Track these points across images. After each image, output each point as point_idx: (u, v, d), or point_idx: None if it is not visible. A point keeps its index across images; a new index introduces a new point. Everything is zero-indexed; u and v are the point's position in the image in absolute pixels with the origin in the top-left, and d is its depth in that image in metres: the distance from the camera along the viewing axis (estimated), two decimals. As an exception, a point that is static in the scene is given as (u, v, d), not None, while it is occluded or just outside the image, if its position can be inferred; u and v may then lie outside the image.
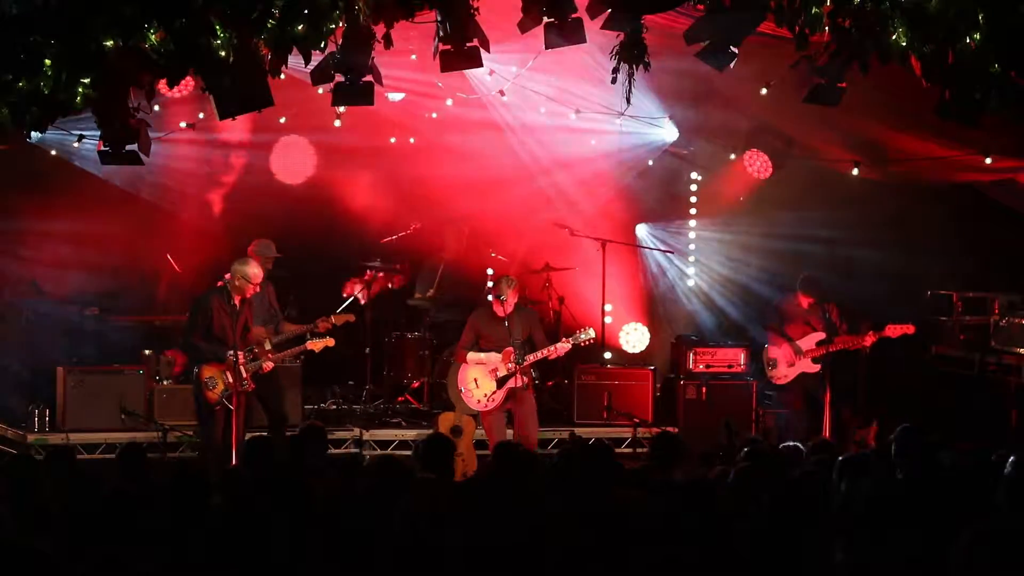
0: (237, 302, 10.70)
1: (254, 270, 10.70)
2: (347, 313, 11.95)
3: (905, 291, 13.16)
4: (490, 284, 13.45)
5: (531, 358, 11.16)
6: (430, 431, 11.32)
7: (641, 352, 14.40)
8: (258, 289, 10.81)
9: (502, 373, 11.16)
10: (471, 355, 11.28)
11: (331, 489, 6.78)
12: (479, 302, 12.22)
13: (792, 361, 12.31)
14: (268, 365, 10.83)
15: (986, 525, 4.52)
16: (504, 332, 11.18)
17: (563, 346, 11.20)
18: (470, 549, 5.57)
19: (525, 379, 11.19)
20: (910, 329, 11.97)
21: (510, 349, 11.14)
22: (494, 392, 11.18)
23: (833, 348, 12.07)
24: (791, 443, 8.68)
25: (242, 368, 10.63)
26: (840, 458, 7.47)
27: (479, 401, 11.23)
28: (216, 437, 10.60)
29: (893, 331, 11.95)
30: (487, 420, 11.25)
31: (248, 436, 10.44)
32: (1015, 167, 12.14)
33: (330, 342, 11.17)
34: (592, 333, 11.28)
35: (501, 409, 11.25)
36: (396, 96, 12.32)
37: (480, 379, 11.24)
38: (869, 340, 11.94)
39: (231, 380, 10.59)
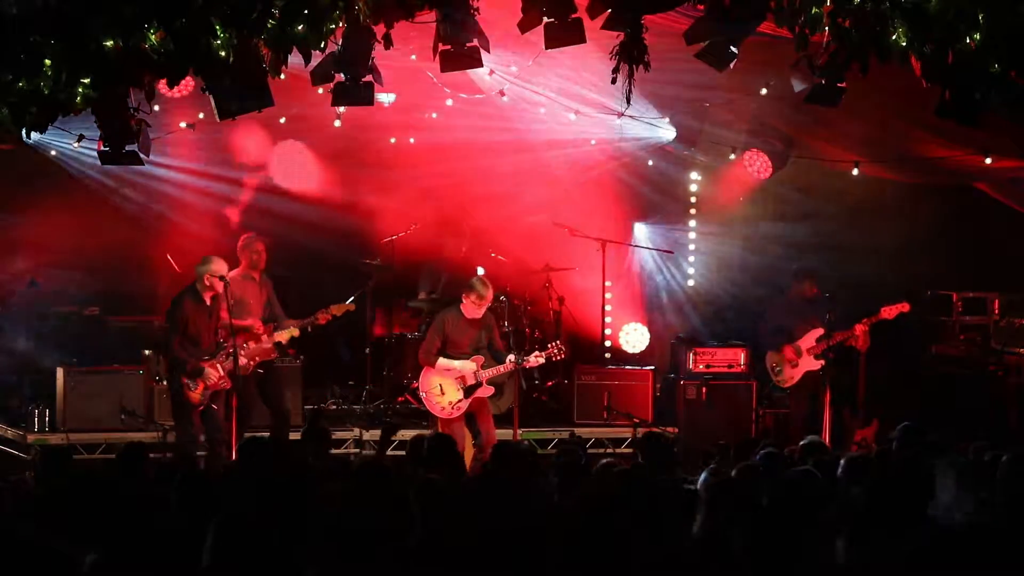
0: (208, 300, 10.87)
1: (217, 265, 10.87)
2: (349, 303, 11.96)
3: (905, 291, 13.16)
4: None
5: (492, 372, 11.13)
6: (429, 431, 11.34)
7: (641, 352, 14.40)
8: (225, 282, 10.90)
9: (471, 382, 11.12)
10: (441, 361, 11.17)
11: (332, 489, 6.77)
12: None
13: (795, 361, 12.30)
14: (243, 362, 10.93)
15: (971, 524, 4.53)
16: (473, 337, 11.18)
17: (536, 360, 11.28)
18: (470, 548, 5.57)
19: (491, 389, 11.20)
20: (905, 307, 11.94)
21: (480, 358, 11.13)
22: (460, 401, 11.10)
23: (832, 342, 12.06)
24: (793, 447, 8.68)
25: (219, 366, 10.81)
26: (841, 458, 7.48)
27: (443, 408, 11.14)
28: (195, 436, 10.77)
29: (888, 312, 11.91)
30: (448, 428, 10.96)
31: (247, 436, 10.50)
32: (1015, 167, 12.15)
33: (295, 332, 11.23)
34: (541, 359, 11.34)
35: (462, 417, 11.18)
36: (387, 98, 12.30)
37: (445, 386, 11.14)
38: (861, 328, 11.90)
39: (212, 380, 10.73)
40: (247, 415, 11.38)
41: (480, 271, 13.85)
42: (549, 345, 11.51)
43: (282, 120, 13.12)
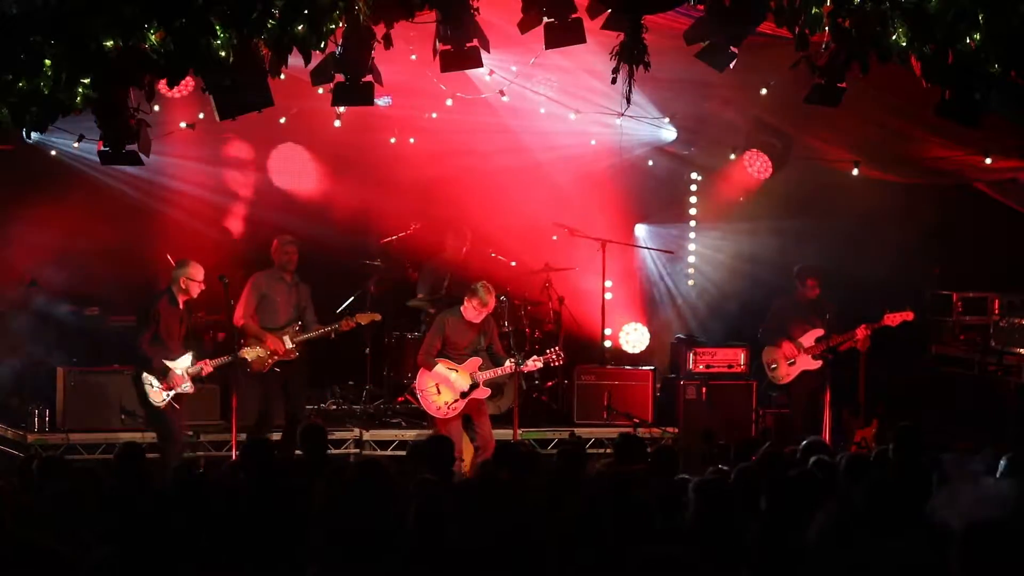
0: (182, 304, 10.92)
1: (195, 269, 10.91)
2: (374, 313, 12.00)
3: (905, 291, 13.18)
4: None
5: (491, 374, 11.17)
6: (430, 431, 11.34)
7: (641, 352, 14.39)
8: (202, 286, 10.96)
9: (468, 383, 11.12)
10: (439, 368, 11.17)
11: (330, 489, 6.78)
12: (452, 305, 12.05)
13: (792, 359, 12.30)
14: (207, 369, 10.98)
15: (981, 524, 4.53)
16: (473, 339, 11.20)
17: (534, 364, 11.29)
18: (470, 549, 5.57)
19: (488, 391, 11.20)
20: (909, 315, 11.95)
21: (478, 359, 11.14)
22: (456, 401, 11.11)
23: (832, 343, 12.07)
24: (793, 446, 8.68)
25: (185, 371, 10.82)
26: (841, 458, 7.49)
27: (439, 408, 11.14)
28: (175, 431, 10.79)
29: (892, 319, 11.93)
30: (444, 428, 11.00)
31: (248, 437, 10.55)
32: (1015, 167, 12.15)
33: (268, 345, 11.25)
34: (540, 364, 11.37)
35: (458, 417, 11.18)
36: (383, 102, 12.31)
37: (441, 386, 11.18)
38: (862, 332, 11.91)
39: (174, 382, 10.76)
40: (271, 415, 11.46)
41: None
42: (548, 351, 11.52)
43: (282, 120, 13.12)
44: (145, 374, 10.77)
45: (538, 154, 14.02)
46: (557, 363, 11.55)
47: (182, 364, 10.82)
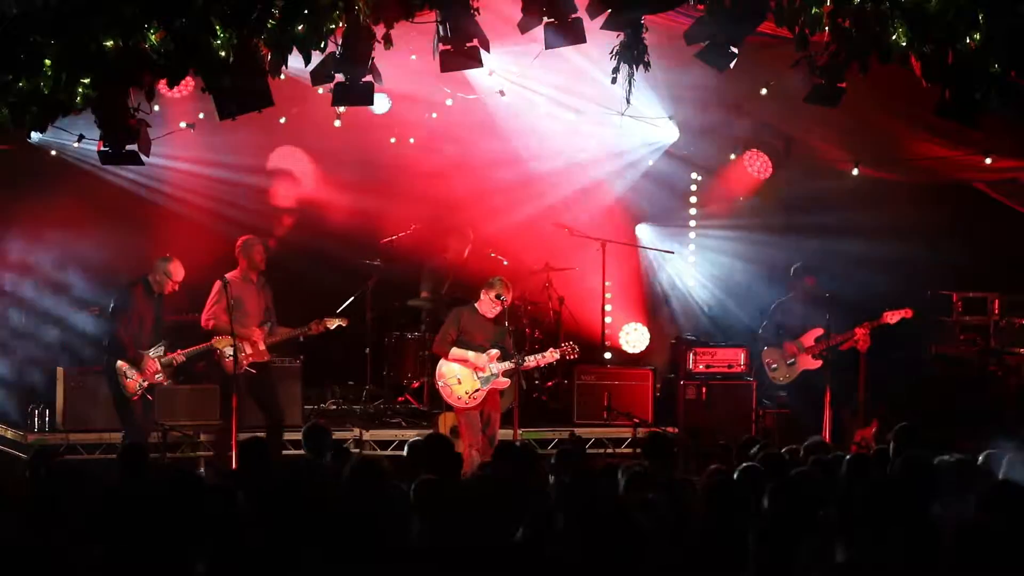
0: (157, 295, 10.95)
1: (175, 267, 10.93)
2: (343, 317, 11.98)
3: (905, 291, 13.17)
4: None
5: (508, 365, 11.17)
6: (430, 431, 11.33)
7: (641, 352, 14.39)
8: (176, 287, 11.00)
9: (487, 373, 11.15)
10: (455, 351, 11.24)
11: (331, 489, 6.78)
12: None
13: (792, 359, 12.31)
14: (180, 358, 11.01)
15: (970, 523, 4.54)
16: (488, 332, 11.22)
17: (552, 355, 11.34)
18: (469, 549, 5.57)
19: (508, 381, 11.23)
20: (908, 313, 11.97)
21: (496, 351, 11.17)
22: (477, 391, 11.16)
23: (832, 343, 12.07)
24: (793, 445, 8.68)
25: (156, 361, 10.84)
26: (840, 458, 7.49)
27: (459, 398, 11.20)
28: (136, 426, 10.76)
29: (891, 317, 11.95)
30: (463, 418, 11.17)
31: (243, 437, 10.53)
32: (1015, 167, 12.15)
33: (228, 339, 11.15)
34: (556, 355, 11.42)
35: (477, 408, 11.24)
36: (381, 106, 12.31)
37: (463, 376, 11.21)
38: (861, 331, 11.92)
39: (148, 372, 10.77)
40: (244, 416, 11.37)
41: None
42: (563, 344, 11.55)
43: (282, 120, 13.11)
44: (120, 363, 10.76)
45: (538, 154, 14.01)
46: (573, 356, 11.56)
47: (155, 354, 10.84)
